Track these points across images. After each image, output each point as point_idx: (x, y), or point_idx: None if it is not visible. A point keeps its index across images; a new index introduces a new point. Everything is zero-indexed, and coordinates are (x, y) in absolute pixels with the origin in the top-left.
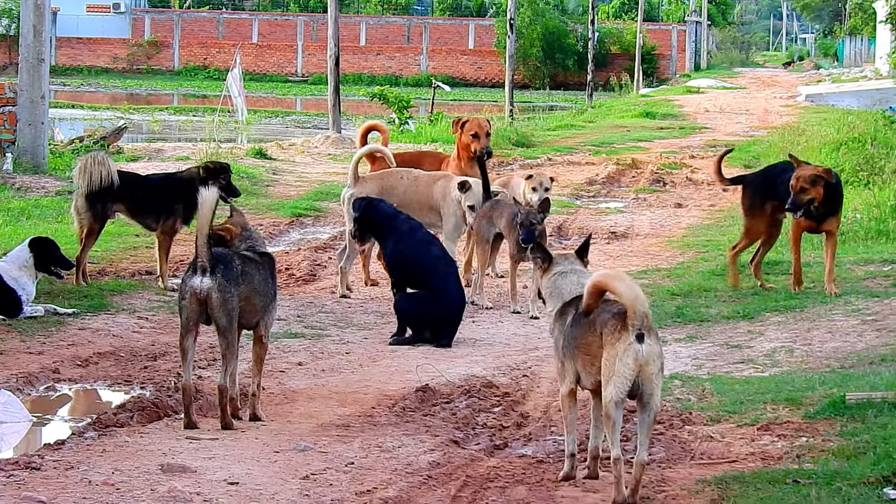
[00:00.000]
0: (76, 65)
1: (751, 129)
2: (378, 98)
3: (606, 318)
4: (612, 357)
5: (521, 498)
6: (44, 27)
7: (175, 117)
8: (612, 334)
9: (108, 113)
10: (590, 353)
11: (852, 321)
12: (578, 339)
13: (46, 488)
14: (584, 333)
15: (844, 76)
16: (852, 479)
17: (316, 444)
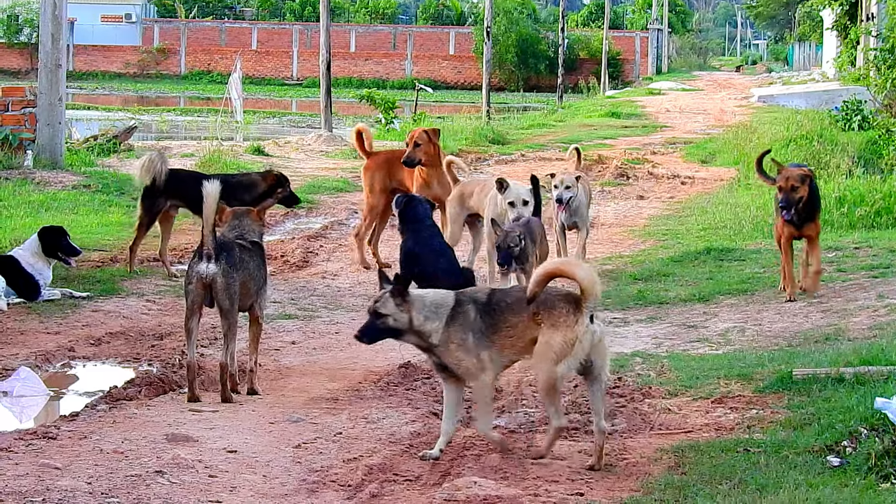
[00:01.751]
0: (91, 70)
1: (708, 128)
2: (366, 100)
3: (553, 302)
4: (567, 338)
5: (495, 465)
6: (61, 35)
7: (181, 118)
8: (565, 317)
9: (120, 114)
10: (513, 336)
11: (799, 303)
12: (500, 328)
13: (62, 456)
14: (506, 321)
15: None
16: (798, 447)
17: (307, 416)
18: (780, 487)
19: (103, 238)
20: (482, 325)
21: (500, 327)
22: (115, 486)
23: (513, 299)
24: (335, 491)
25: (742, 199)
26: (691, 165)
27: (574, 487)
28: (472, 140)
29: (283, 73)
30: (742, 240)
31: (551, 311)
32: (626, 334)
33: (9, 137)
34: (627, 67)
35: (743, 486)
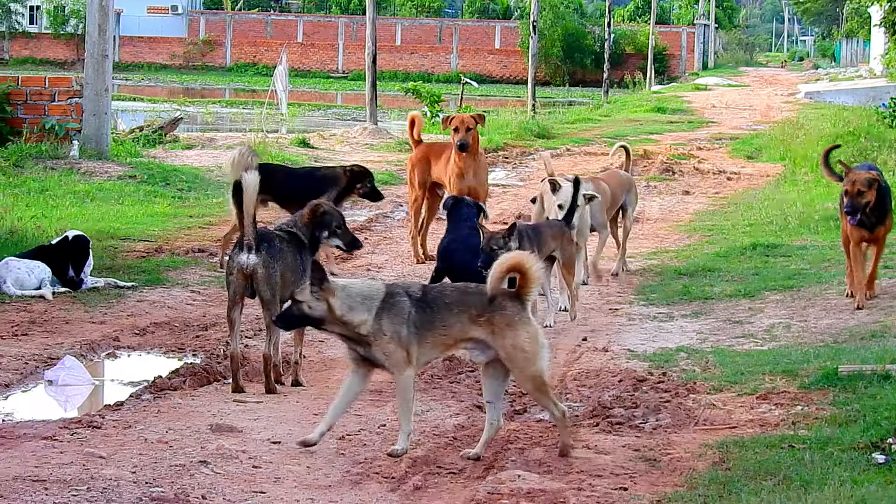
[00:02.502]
0: (137, 61)
1: (754, 124)
2: (412, 93)
3: (502, 303)
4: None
5: (538, 458)
6: (108, 26)
7: (226, 109)
8: (519, 314)
9: (165, 105)
10: (446, 335)
11: (845, 300)
12: (434, 324)
13: (106, 445)
14: (442, 318)
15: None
16: (843, 444)
17: (351, 408)
18: (825, 484)
19: (148, 228)
20: (416, 320)
21: (435, 324)
22: (159, 476)
23: (451, 298)
24: (379, 483)
25: (788, 196)
26: (737, 161)
27: (618, 482)
28: (517, 134)
29: (328, 66)
30: (788, 236)
31: (501, 310)
32: (671, 329)
33: (55, 127)
34: (673, 63)
35: (787, 482)
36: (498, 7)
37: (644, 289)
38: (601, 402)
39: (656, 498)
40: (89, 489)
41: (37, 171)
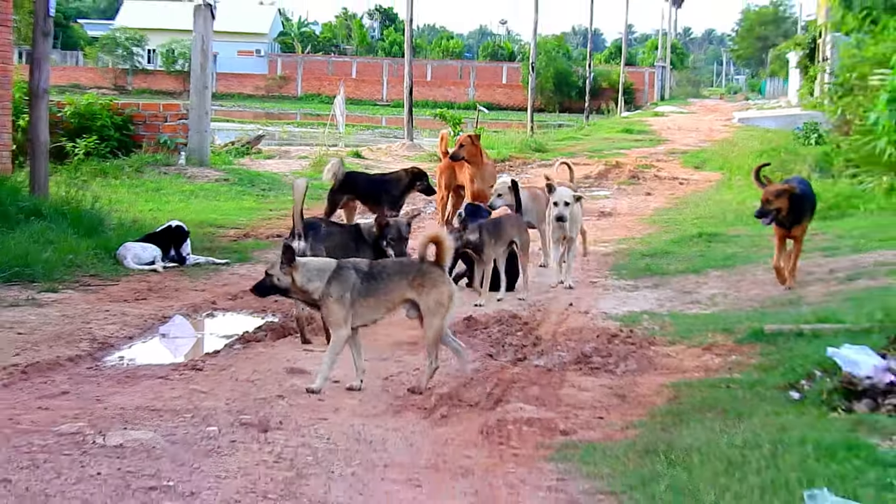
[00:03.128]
0: (230, 92)
1: (699, 142)
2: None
3: (428, 268)
4: (450, 292)
5: (535, 394)
6: (207, 65)
7: (298, 129)
8: (440, 277)
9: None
10: (387, 299)
11: (769, 275)
12: (378, 291)
13: (206, 383)
14: (385, 286)
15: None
16: (768, 385)
17: (393, 356)
18: (754, 415)
19: (238, 219)
20: (360, 288)
21: (379, 290)
22: (246, 406)
23: (392, 270)
24: (414, 413)
25: (726, 196)
26: (687, 170)
27: (596, 413)
28: (519, 149)
29: (375, 96)
30: (726, 227)
31: (428, 274)
32: (637, 297)
33: (167, 142)
34: (638, 95)
35: (725, 413)
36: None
37: (616, 266)
38: (583, 352)
39: (625, 424)
40: (193, 416)
41: (153, 174)
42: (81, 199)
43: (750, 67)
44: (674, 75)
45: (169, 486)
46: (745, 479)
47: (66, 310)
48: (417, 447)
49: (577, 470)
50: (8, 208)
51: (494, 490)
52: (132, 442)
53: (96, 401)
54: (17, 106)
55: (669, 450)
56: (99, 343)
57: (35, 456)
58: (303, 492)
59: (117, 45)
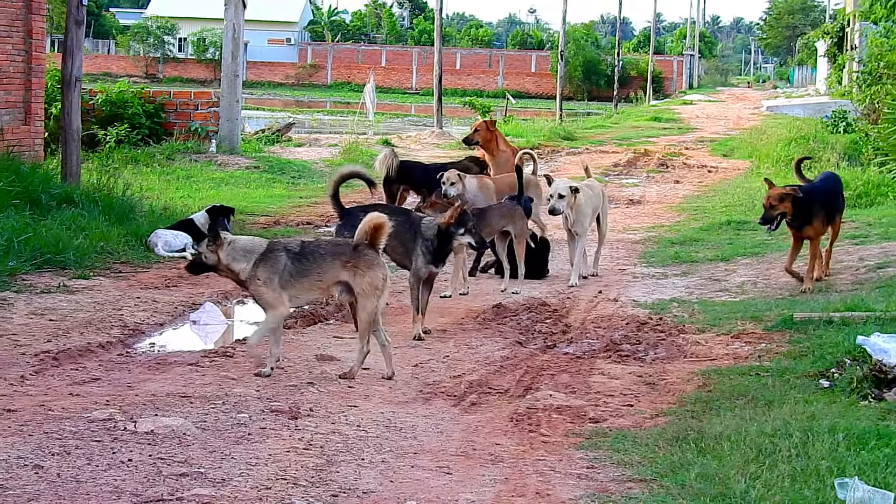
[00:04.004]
0: (260, 80)
1: (727, 130)
2: (469, 105)
3: (363, 250)
4: (383, 275)
5: (565, 382)
6: (239, 53)
7: (327, 117)
8: (375, 259)
9: (281, 114)
10: (320, 280)
11: (799, 263)
12: (310, 272)
13: (237, 370)
14: (318, 266)
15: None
16: (797, 373)
17: (422, 343)
18: (784, 403)
19: (268, 206)
20: (292, 269)
21: (311, 271)
22: (277, 393)
23: (325, 250)
24: (444, 400)
25: (755, 184)
26: (716, 158)
27: (626, 400)
28: (548, 136)
29: (404, 85)
30: (755, 214)
31: (363, 256)
32: (666, 285)
33: (198, 129)
34: (667, 83)
35: (755, 401)
36: (534, 40)
37: (645, 254)
38: (612, 339)
39: (655, 412)
40: (224, 403)
41: (184, 162)
42: (113, 186)
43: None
44: (702, 64)
45: (200, 473)
46: (776, 467)
47: (97, 297)
48: (447, 434)
49: (607, 458)
50: (40, 196)
51: (524, 477)
52: (163, 428)
53: (127, 387)
54: (49, 94)
55: (699, 438)
56: (130, 330)
57: (66, 442)
58: (333, 478)
59: (148, 33)
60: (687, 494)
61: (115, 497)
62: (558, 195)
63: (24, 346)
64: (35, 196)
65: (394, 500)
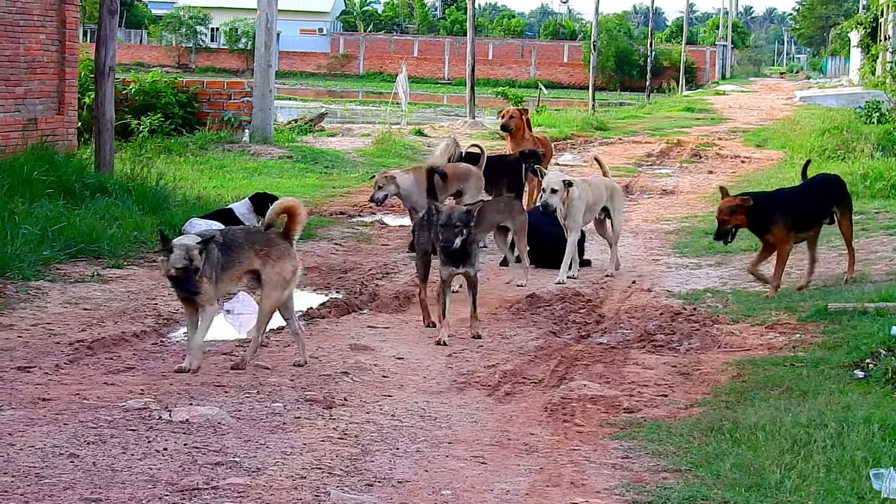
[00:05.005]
0: (292, 70)
1: (761, 120)
2: (501, 95)
3: (273, 239)
4: (294, 265)
5: (599, 372)
6: (272, 42)
7: (360, 107)
8: (287, 250)
9: (313, 104)
10: (239, 270)
11: (832, 254)
12: (233, 262)
13: (271, 359)
14: (238, 256)
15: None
16: (832, 363)
17: (457, 333)
18: (818, 393)
19: (301, 196)
20: (222, 261)
21: (234, 262)
22: (311, 383)
23: (241, 239)
24: (478, 390)
25: (788, 174)
26: (749, 148)
27: (660, 390)
28: (580, 127)
29: (436, 75)
30: None
31: (275, 245)
32: (700, 275)
33: (231, 119)
34: (699, 74)
35: (789, 392)
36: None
37: (678, 244)
38: (647, 329)
39: (689, 402)
40: (258, 392)
41: (217, 152)
42: (146, 176)
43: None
44: (735, 54)
45: (235, 462)
46: (811, 458)
47: (131, 286)
48: (482, 424)
49: (641, 448)
50: (74, 185)
51: (559, 467)
52: (198, 417)
53: (162, 376)
54: (83, 84)
55: (734, 428)
56: (164, 319)
57: (102, 431)
58: (368, 468)
59: (181, 23)
60: (722, 484)
61: (150, 485)
62: (551, 190)
63: (59, 335)
64: (69, 185)
65: (429, 490)
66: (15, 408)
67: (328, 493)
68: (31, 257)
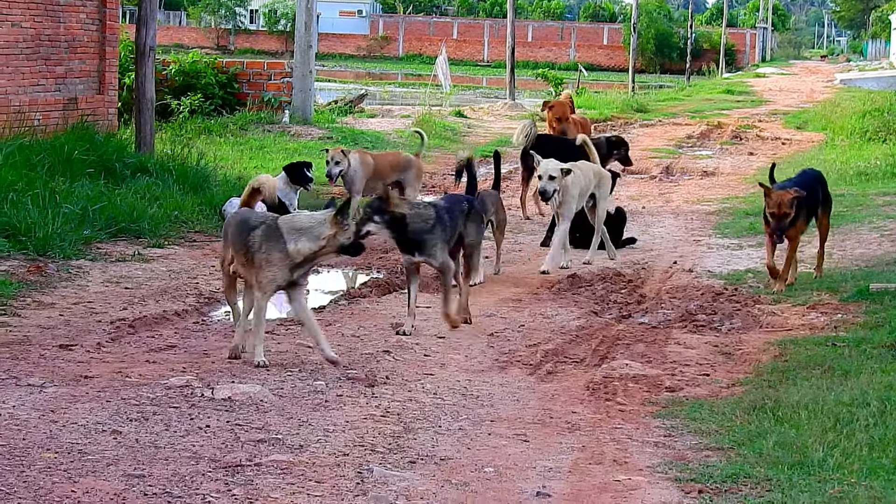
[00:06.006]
0: (331, 52)
1: (801, 103)
2: (541, 77)
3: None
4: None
5: (640, 352)
6: (312, 23)
7: (399, 89)
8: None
9: (353, 85)
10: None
11: (874, 235)
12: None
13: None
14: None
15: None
16: (874, 343)
17: (498, 312)
18: (860, 373)
19: None
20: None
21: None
22: (353, 361)
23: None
24: (519, 369)
25: (829, 156)
26: (789, 130)
27: (702, 370)
28: (620, 109)
29: (476, 57)
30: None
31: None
32: (741, 256)
33: (272, 100)
34: (739, 56)
35: (831, 371)
36: (606, 13)
37: (720, 225)
38: (688, 309)
39: (731, 382)
40: (300, 371)
41: (257, 132)
42: (187, 156)
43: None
44: (775, 37)
45: (277, 439)
46: (853, 436)
47: (172, 265)
48: (524, 402)
49: (683, 426)
50: (114, 165)
51: (602, 445)
52: (240, 395)
53: (204, 355)
54: (123, 64)
55: (776, 407)
56: (205, 298)
57: (144, 408)
58: (410, 445)
59: (220, 4)
60: (765, 462)
61: (193, 462)
62: (549, 177)
63: (100, 313)
64: (109, 165)
65: (472, 467)
66: (57, 385)
67: (371, 470)
68: (72, 236)
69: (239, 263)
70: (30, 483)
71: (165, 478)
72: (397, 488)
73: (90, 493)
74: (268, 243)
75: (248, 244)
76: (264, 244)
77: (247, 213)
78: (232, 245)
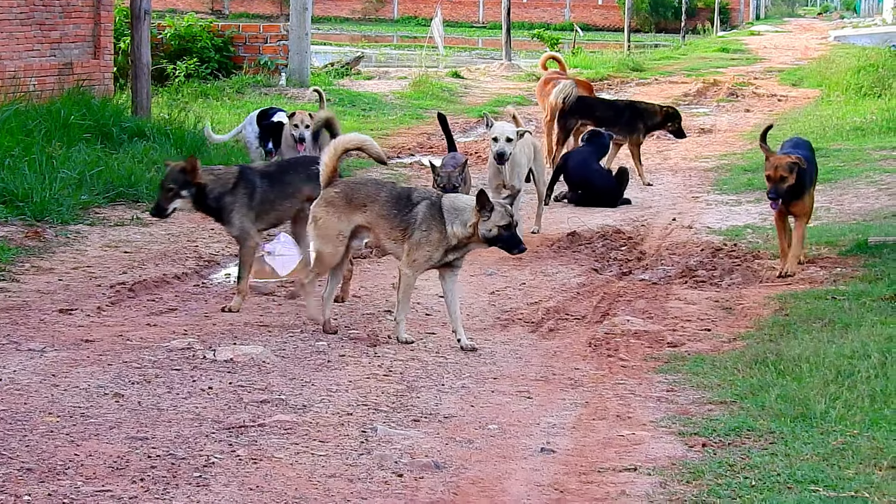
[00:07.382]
0: (326, 15)
1: (795, 60)
2: (537, 38)
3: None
4: None
5: (641, 308)
6: None
7: (395, 51)
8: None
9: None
10: None
11: (871, 189)
12: None
13: None
14: None
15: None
16: (873, 296)
17: (499, 271)
18: (860, 326)
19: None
20: None
21: None
22: (354, 321)
23: None
24: (521, 327)
25: (825, 112)
26: (785, 87)
27: (703, 325)
28: (616, 68)
29: (471, 18)
30: (826, 142)
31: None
32: (740, 211)
33: (268, 63)
34: (734, 15)
35: (831, 324)
36: None
37: (718, 181)
38: (688, 265)
39: (732, 336)
40: (302, 332)
41: (254, 96)
42: (184, 119)
43: None
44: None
45: (281, 400)
46: (855, 388)
47: (171, 229)
48: (526, 360)
49: (686, 381)
50: (111, 129)
51: (605, 401)
52: (242, 357)
53: (204, 317)
54: (118, 29)
55: (778, 360)
56: (205, 261)
57: (146, 371)
58: (414, 404)
59: None
60: (767, 415)
61: (196, 424)
62: (506, 138)
63: (100, 277)
64: (106, 130)
65: (475, 425)
66: (58, 349)
67: (375, 428)
68: (70, 201)
69: (385, 237)
70: (32, 447)
71: (168, 440)
72: (401, 447)
73: (93, 457)
74: (429, 222)
75: (409, 220)
76: (425, 222)
77: (405, 189)
78: (385, 217)
